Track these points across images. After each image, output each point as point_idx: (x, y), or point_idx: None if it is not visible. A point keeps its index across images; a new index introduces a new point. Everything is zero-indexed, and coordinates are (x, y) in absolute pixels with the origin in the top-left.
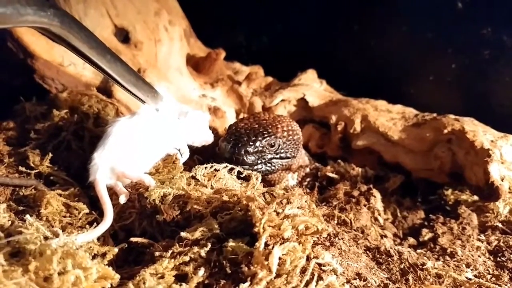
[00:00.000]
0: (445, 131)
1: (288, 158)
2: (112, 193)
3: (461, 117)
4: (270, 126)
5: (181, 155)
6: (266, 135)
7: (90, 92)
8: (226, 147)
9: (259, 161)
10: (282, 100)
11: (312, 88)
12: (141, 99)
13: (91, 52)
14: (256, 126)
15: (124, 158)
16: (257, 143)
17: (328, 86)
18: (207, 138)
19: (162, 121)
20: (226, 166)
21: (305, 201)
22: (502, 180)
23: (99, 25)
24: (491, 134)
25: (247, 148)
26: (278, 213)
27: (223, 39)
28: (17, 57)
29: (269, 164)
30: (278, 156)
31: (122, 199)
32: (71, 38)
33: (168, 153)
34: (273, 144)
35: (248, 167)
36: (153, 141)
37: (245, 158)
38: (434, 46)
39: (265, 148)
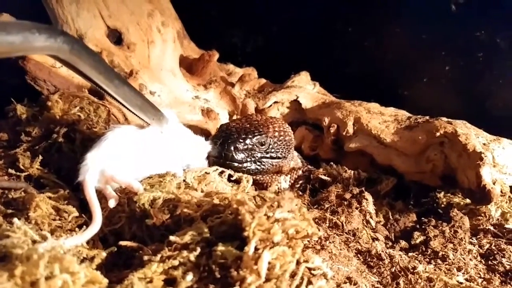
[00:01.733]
0: (438, 134)
1: (278, 158)
2: (101, 196)
3: (453, 120)
4: (261, 126)
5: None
6: (256, 134)
7: (82, 94)
8: (215, 143)
9: (248, 159)
10: (275, 102)
11: (305, 90)
12: (147, 122)
13: (99, 78)
14: (248, 125)
15: (115, 163)
16: (247, 141)
17: (321, 88)
18: (202, 167)
19: (163, 142)
20: (217, 169)
21: (296, 205)
22: (494, 183)
23: (92, 26)
24: (483, 137)
25: (237, 145)
26: (268, 217)
27: (217, 41)
28: (9, 58)
29: (258, 163)
30: (268, 155)
31: (112, 203)
32: (79, 64)
33: (159, 173)
34: (263, 142)
35: (237, 164)
36: (148, 157)
37: (234, 155)
38: (428, 48)
39: (255, 146)
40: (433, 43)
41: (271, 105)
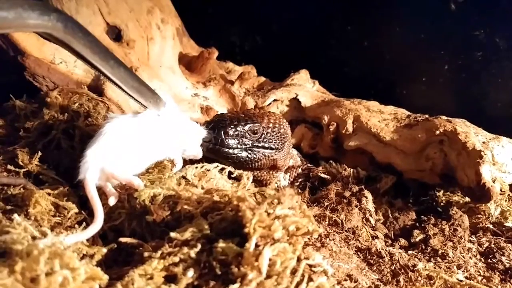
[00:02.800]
0: (437, 132)
1: (271, 149)
2: (101, 193)
3: (453, 119)
4: (256, 116)
5: (175, 165)
6: (249, 122)
7: (81, 90)
8: (207, 128)
9: (239, 146)
10: (275, 100)
11: (305, 88)
12: (143, 105)
13: (94, 58)
14: (242, 115)
15: (115, 160)
16: (239, 127)
17: (320, 86)
18: (197, 153)
19: (161, 127)
20: (217, 166)
21: (296, 202)
22: (493, 181)
23: (91, 23)
24: (483, 136)
25: (227, 130)
26: (269, 214)
27: (216, 39)
28: (8, 54)
29: (250, 151)
30: (260, 145)
31: (112, 201)
32: (74, 43)
33: (160, 160)
34: (255, 131)
35: (227, 149)
36: (148, 145)
37: (224, 140)
38: (427, 48)
39: (246, 133)
40: (432, 42)
41: (270, 103)
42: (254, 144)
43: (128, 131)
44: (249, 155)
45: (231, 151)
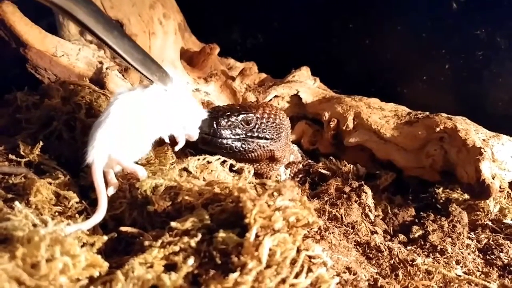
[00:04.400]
0: (438, 129)
1: (266, 139)
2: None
3: (453, 116)
4: (251, 107)
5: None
6: (243, 112)
7: (82, 83)
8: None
9: (233, 136)
10: (276, 96)
11: (306, 85)
12: (149, 78)
13: (97, 27)
14: (238, 107)
15: (122, 145)
16: (232, 118)
17: (321, 83)
18: (193, 134)
19: (166, 103)
20: (219, 158)
21: (297, 194)
22: (493, 178)
23: None
24: (483, 133)
25: (219, 120)
26: (269, 205)
27: (218, 35)
28: (10, 46)
29: (243, 141)
30: (255, 135)
31: (111, 191)
32: (76, 11)
33: (163, 136)
34: (249, 121)
35: (220, 140)
36: (153, 123)
37: (216, 130)
38: (428, 46)
39: (240, 123)
40: (433, 41)
41: (271, 99)
42: (248, 134)
43: (134, 111)
44: (243, 145)
45: (224, 141)
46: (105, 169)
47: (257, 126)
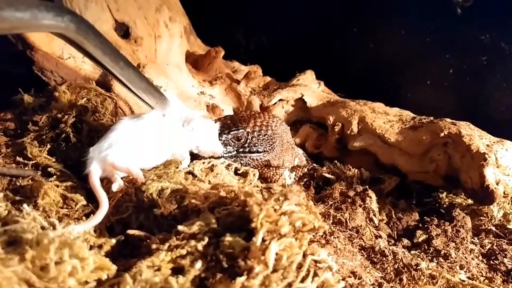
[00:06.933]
0: (442, 134)
1: (258, 152)
2: (108, 187)
3: (457, 121)
4: (241, 121)
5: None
6: (233, 129)
7: (89, 85)
8: None
9: (225, 154)
10: (280, 100)
11: (310, 88)
12: (150, 105)
13: (104, 59)
14: (229, 121)
15: (117, 151)
16: (223, 137)
17: (325, 87)
18: (216, 149)
19: (165, 125)
20: (224, 162)
21: (303, 198)
22: (497, 184)
23: (100, 19)
24: (487, 139)
25: None
26: (275, 209)
27: (222, 38)
28: (16, 48)
29: (235, 158)
30: (247, 150)
31: (115, 187)
32: (85, 44)
33: (167, 158)
34: (239, 138)
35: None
36: (153, 143)
37: None
38: (432, 51)
39: (231, 141)
40: (438, 45)
41: (276, 103)
42: (240, 150)
43: (133, 129)
44: (236, 162)
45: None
46: (108, 174)
47: (248, 141)
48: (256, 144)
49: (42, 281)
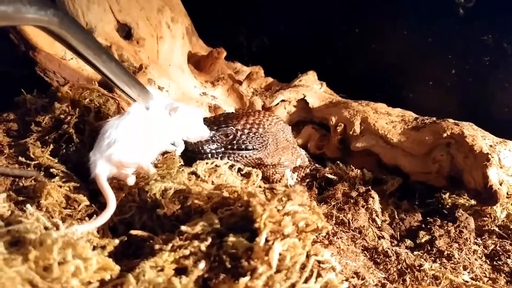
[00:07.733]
0: (445, 135)
1: (247, 149)
2: (113, 186)
3: (460, 122)
4: (233, 118)
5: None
6: (223, 126)
7: (91, 86)
8: None
9: (214, 151)
10: (283, 101)
11: (313, 89)
12: (133, 98)
13: (88, 52)
14: (222, 118)
15: (120, 148)
16: (211, 133)
17: (328, 88)
18: (202, 133)
19: (155, 116)
20: (227, 162)
21: (306, 199)
22: (500, 184)
23: (102, 20)
24: (490, 139)
25: None
26: (279, 210)
27: (224, 39)
28: (19, 49)
29: (223, 154)
30: (235, 147)
31: (131, 180)
32: (69, 37)
33: (166, 149)
34: (228, 134)
35: (200, 156)
36: (147, 136)
37: (195, 146)
38: (435, 51)
39: (219, 137)
40: (440, 46)
41: (278, 104)
42: (228, 146)
43: (125, 126)
44: (223, 158)
45: (204, 156)
46: (116, 173)
47: (236, 138)
48: (245, 142)
49: (45, 281)
